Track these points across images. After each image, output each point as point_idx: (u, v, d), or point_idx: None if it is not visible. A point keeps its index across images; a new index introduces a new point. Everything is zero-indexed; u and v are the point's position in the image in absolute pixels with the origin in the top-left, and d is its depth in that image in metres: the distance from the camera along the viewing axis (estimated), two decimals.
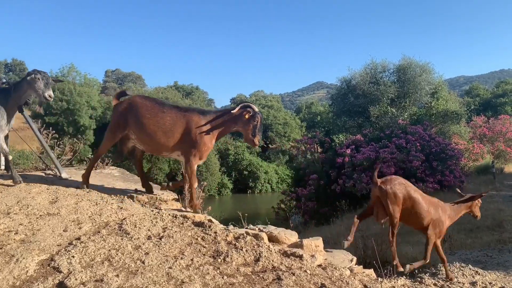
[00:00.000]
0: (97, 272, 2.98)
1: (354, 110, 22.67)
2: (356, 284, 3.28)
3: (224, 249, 3.62)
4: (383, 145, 15.53)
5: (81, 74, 40.01)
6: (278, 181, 45.92)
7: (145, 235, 3.74)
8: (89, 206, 4.29)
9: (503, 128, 27.54)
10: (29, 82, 4.62)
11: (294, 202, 17.65)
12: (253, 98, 57.44)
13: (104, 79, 70.53)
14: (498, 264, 5.90)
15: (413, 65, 21.79)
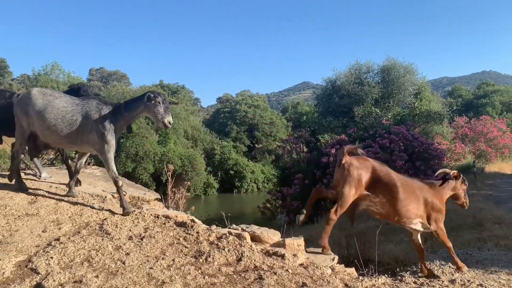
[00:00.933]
0: (76, 273, 2.94)
1: (339, 110, 22.85)
2: (337, 283, 3.31)
3: (206, 249, 3.61)
4: (367, 145, 15.67)
5: (64, 72, 39.35)
6: (264, 180, 45.97)
7: (126, 235, 3.71)
8: (70, 206, 4.23)
9: (484, 129, 28.11)
10: (147, 104, 4.30)
11: (280, 202, 17.69)
12: (239, 98, 57.42)
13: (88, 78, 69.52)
14: (478, 262, 6.00)
15: (397, 66, 22.08)
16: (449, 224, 9.32)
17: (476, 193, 14.20)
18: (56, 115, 4.27)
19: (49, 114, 4.27)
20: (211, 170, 43.04)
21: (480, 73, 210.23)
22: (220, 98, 65.30)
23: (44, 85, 33.92)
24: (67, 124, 4.26)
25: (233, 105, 54.98)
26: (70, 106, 4.33)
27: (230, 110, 54.25)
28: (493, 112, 46.56)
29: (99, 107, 4.31)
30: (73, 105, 4.33)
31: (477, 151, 26.39)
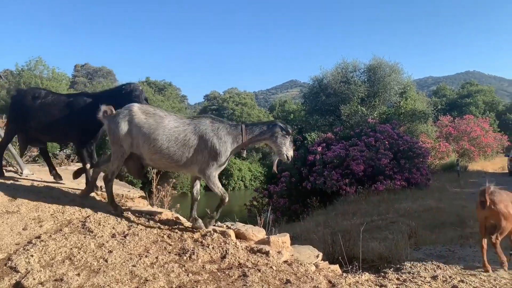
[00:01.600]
0: (57, 272, 2.90)
1: (326, 108, 22.98)
2: (320, 280, 3.32)
3: (191, 246, 3.59)
4: (353, 143, 15.82)
5: (49, 68, 38.71)
6: (252, 178, 46.02)
7: (109, 233, 3.67)
8: (52, 203, 4.16)
9: (468, 128, 28.62)
10: (274, 134, 4.14)
11: (266, 199, 17.74)
12: (227, 95, 57.32)
13: (73, 74, 68.47)
14: (459, 259, 6.10)
15: (383, 65, 22.29)
16: (433, 222, 9.49)
17: (459, 191, 14.44)
18: (168, 137, 3.93)
19: (161, 136, 3.91)
20: None
21: (464, 73, 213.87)
22: (208, 96, 65.02)
23: (27, 81, 33.30)
24: (180, 146, 3.95)
25: (221, 103, 54.88)
26: (181, 126, 4.01)
27: (217, 107, 54.14)
28: (476, 111, 47.39)
29: (215, 126, 4.06)
30: (184, 124, 4.03)
31: (460, 149, 26.86)
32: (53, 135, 5.11)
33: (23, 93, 5.07)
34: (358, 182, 14.75)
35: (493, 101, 56.09)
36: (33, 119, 4.83)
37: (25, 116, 4.87)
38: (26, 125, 4.91)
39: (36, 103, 4.84)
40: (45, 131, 4.92)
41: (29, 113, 4.85)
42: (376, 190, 14.14)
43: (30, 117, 4.84)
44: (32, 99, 4.87)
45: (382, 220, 10.27)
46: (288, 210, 15.98)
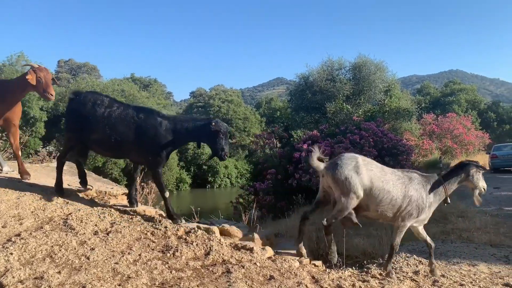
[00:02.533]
0: (37, 269, 2.85)
1: (312, 106, 23.05)
2: (304, 275, 3.35)
3: (174, 243, 3.57)
4: (338, 141, 15.90)
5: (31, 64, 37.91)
6: (238, 175, 45.99)
7: (92, 230, 3.62)
8: (32, 201, 4.09)
9: (451, 126, 29.09)
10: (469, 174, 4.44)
11: (252, 197, 17.73)
12: (213, 93, 57.06)
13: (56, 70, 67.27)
14: (441, 254, 6.21)
15: (368, 63, 22.44)
16: None
17: None
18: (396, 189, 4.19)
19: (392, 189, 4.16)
20: (183, 165, 42.68)
21: (447, 71, 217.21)
22: (194, 93, 64.61)
23: (8, 77, 32.60)
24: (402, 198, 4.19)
25: (207, 100, 54.63)
26: (400, 179, 4.26)
27: (203, 104, 53.89)
28: (459, 109, 48.17)
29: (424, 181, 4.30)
30: (399, 177, 4.27)
31: (443, 147, 27.29)
32: (118, 154, 4.70)
33: (82, 98, 4.48)
34: None
35: (475, 100, 57.10)
36: (94, 132, 4.34)
37: (83, 126, 4.36)
38: (85, 136, 4.41)
39: (98, 113, 4.33)
40: (109, 148, 4.45)
41: (89, 123, 4.34)
42: None
43: (91, 128, 4.34)
44: (93, 107, 4.36)
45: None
46: (274, 207, 16.00)
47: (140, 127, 4.29)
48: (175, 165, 38.75)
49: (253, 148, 24.92)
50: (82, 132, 4.39)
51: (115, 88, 35.90)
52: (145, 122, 4.31)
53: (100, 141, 4.37)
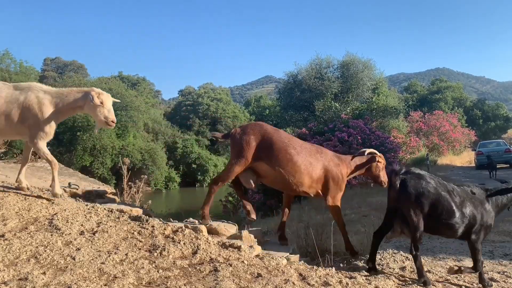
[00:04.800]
0: (21, 271, 2.81)
1: (300, 104, 23.15)
2: (291, 273, 3.36)
3: (161, 242, 3.55)
4: (327, 139, 16.02)
5: (16, 62, 37.31)
6: None
7: (78, 230, 3.59)
8: (17, 201, 4.03)
9: (437, 123, 29.47)
10: None
11: None
12: (202, 91, 56.84)
13: (42, 68, 66.28)
14: (427, 250, 6.29)
15: (356, 61, 22.62)
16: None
17: None
18: None
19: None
20: (172, 164, 42.52)
21: (434, 69, 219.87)
22: (182, 91, 64.24)
23: None
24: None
25: (196, 98, 54.42)
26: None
27: (192, 103, 53.67)
28: (445, 107, 48.80)
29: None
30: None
31: (430, 144, 27.64)
32: None
33: None
34: None
35: (461, 97, 57.93)
36: None
37: None
38: None
39: None
40: None
41: None
42: (349, 184, 14.38)
43: None
44: None
45: (355, 213, 10.46)
46: (263, 205, 16.05)
47: None
48: (164, 164, 38.55)
49: None
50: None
51: (102, 86, 35.50)
52: None
53: None
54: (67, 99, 4.10)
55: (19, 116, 3.97)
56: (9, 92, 4.04)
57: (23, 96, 4.01)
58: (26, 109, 3.97)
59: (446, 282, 4.24)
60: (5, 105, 3.95)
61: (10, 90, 4.07)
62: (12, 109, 3.96)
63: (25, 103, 3.98)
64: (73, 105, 4.12)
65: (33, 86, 4.13)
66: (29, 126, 3.99)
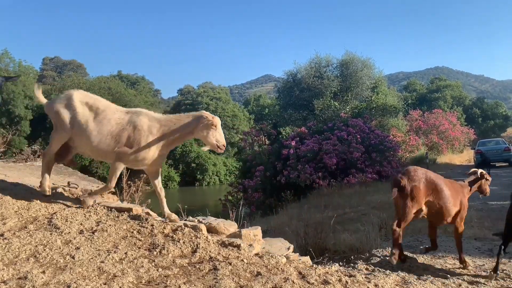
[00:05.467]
0: (21, 270, 2.81)
1: (300, 103, 23.15)
2: (291, 271, 3.36)
3: (161, 241, 3.55)
4: (326, 137, 16.03)
5: (15, 61, 37.28)
6: (227, 173, 45.95)
7: (77, 229, 3.58)
8: (16, 200, 4.02)
9: (436, 122, 29.45)
10: None
11: (241, 194, 17.76)
12: (201, 90, 56.85)
13: (41, 67, 66.19)
14: None
15: (355, 60, 22.61)
16: None
17: None
18: None
19: None
20: (172, 163, 42.50)
21: (433, 68, 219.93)
22: (182, 90, 64.24)
23: None
24: None
25: (195, 97, 54.43)
26: None
27: (191, 102, 53.67)
28: (444, 106, 48.83)
29: None
30: None
31: (429, 143, 27.64)
32: None
33: None
34: (331, 175, 14.97)
35: (461, 96, 57.97)
36: None
37: None
38: None
39: None
40: None
41: None
42: (348, 183, 14.40)
43: None
44: None
45: (354, 212, 10.48)
46: (262, 204, 16.07)
47: None
48: (163, 163, 38.54)
49: (241, 145, 24.93)
50: None
51: (101, 86, 35.49)
52: None
53: None
54: (175, 126, 4.05)
55: (126, 140, 3.96)
56: (121, 115, 4.06)
57: (133, 121, 4.00)
58: (134, 133, 3.97)
59: (445, 280, 4.24)
60: (116, 128, 3.98)
61: (122, 113, 4.09)
62: (122, 132, 3.98)
63: (134, 127, 3.98)
64: (182, 131, 4.06)
65: (144, 112, 4.13)
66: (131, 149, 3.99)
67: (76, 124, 3.97)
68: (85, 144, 4.04)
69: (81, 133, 3.97)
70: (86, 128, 3.95)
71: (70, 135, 4.05)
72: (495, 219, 8.04)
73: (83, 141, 4.02)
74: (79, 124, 3.96)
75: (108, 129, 3.96)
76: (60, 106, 4.02)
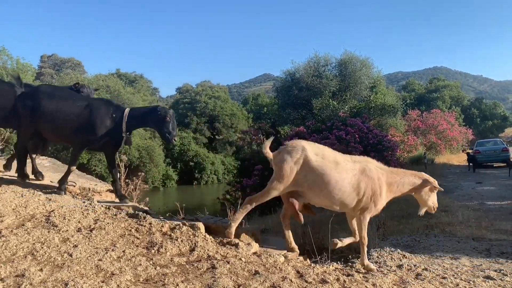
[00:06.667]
0: (18, 267, 2.81)
1: (298, 102, 23.11)
2: (289, 270, 3.36)
3: (159, 240, 3.55)
4: (324, 137, 16.01)
5: (13, 59, 37.05)
6: (225, 172, 45.86)
7: (75, 227, 3.58)
8: (14, 198, 4.02)
9: (435, 122, 29.47)
10: None
11: (239, 193, 17.73)
12: (200, 89, 56.71)
13: (39, 65, 65.92)
14: (424, 248, 6.31)
15: (354, 59, 22.56)
16: (400, 212, 9.74)
17: None
18: None
19: None
20: (170, 162, 42.42)
21: (432, 68, 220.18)
22: (180, 89, 64.06)
23: None
24: None
25: (193, 96, 54.29)
26: None
27: (190, 101, 53.54)
28: (443, 106, 48.87)
29: None
30: None
31: (428, 143, 27.66)
32: None
33: None
34: None
35: (459, 96, 58.04)
36: None
37: None
38: None
39: None
40: None
41: None
42: None
43: None
44: None
45: None
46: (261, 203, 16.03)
47: None
48: (162, 161, 38.47)
49: (240, 144, 24.91)
50: None
51: (100, 84, 35.38)
52: None
53: None
54: (401, 181, 4.15)
55: (364, 190, 3.96)
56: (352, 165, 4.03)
57: (365, 169, 4.01)
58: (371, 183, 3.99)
59: (442, 280, 4.25)
60: (353, 178, 3.93)
61: (351, 162, 4.06)
62: (360, 182, 3.96)
63: (369, 177, 3.98)
64: (405, 188, 4.17)
65: (370, 160, 4.16)
66: (365, 200, 4.00)
67: (311, 177, 3.87)
68: (324, 196, 3.96)
69: (320, 186, 3.88)
70: (327, 181, 3.85)
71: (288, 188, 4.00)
72: (493, 219, 8.06)
73: (322, 194, 3.94)
74: (316, 177, 3.86)
75: (348, 181, 3.91)
76: (291, 160, 3.89)
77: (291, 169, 3.82)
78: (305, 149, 3.91)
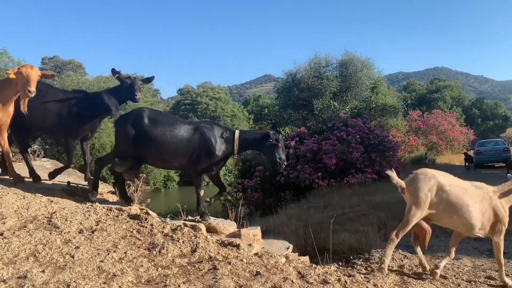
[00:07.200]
0: (20, 269, 2.81)
1: (299, 103, 23.13)
2: (290, 271, 3.37)
3: (160, 241, 3.56)
4: (325, 137, 16.02)
5: (14, 61, 37.12)
6: (226, 173, 45.79)
7: (77, 228, 3.59)
8: (15, 199, 4.03)
9: (436, 122, 29.46)
10: None
11: (240, 194, 17.74)
12: (200, 90, 56.78)
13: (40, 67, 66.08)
14: (426, 248, 6.31)
15: (355, 60, 22.58)
16: (402, 213, 9.68)
17: None
18: None
19: None
20: None
21: (433, 68, 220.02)
22: (181, 90, 64.15)
23: None
24: None
25: (194, 97, 54.35)
26: None
27: (191, 102, 53.60)
28: (444, 106, 48.76)
29: None
30: None
31: (429, 143, 27.66)
32: None
33: None
34: (330, 175, 14.97)
35: (460, 96, 57.91)
36: None
37: None
38: None
39: None
40: None
41: None
42: (347, 183, 14.41)
43: None
44: None
45: (354, 212, 10.47)
46: (262, 204, 16.05)
47: None
48: None
49: None
50: None
51: (101, 85, 35.38)
52: None
53: None
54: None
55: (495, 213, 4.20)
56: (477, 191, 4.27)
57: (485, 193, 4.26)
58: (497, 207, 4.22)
59: (444, 280, 4.25)
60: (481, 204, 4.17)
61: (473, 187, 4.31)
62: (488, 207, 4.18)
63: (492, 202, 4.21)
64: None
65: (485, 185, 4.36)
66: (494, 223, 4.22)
67: (446, 201, 4.13)
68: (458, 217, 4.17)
69: (454, 208, 4.13)
70: (461, 204, 4.10)
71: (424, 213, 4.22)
72: None
73: (456, 215, 4.16)
74: (451, 201, 4.12)
75: (478, 206, 4.14)
76: (426, 188, 4.15)
77: (426, 196, 4.12)
78: (435, 176, 4.23)
